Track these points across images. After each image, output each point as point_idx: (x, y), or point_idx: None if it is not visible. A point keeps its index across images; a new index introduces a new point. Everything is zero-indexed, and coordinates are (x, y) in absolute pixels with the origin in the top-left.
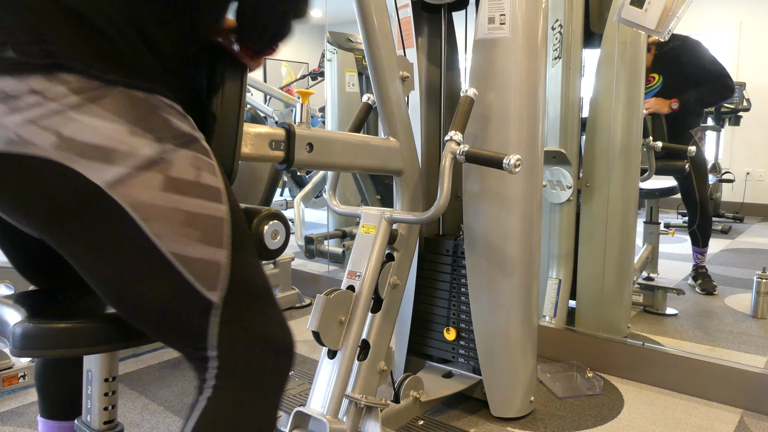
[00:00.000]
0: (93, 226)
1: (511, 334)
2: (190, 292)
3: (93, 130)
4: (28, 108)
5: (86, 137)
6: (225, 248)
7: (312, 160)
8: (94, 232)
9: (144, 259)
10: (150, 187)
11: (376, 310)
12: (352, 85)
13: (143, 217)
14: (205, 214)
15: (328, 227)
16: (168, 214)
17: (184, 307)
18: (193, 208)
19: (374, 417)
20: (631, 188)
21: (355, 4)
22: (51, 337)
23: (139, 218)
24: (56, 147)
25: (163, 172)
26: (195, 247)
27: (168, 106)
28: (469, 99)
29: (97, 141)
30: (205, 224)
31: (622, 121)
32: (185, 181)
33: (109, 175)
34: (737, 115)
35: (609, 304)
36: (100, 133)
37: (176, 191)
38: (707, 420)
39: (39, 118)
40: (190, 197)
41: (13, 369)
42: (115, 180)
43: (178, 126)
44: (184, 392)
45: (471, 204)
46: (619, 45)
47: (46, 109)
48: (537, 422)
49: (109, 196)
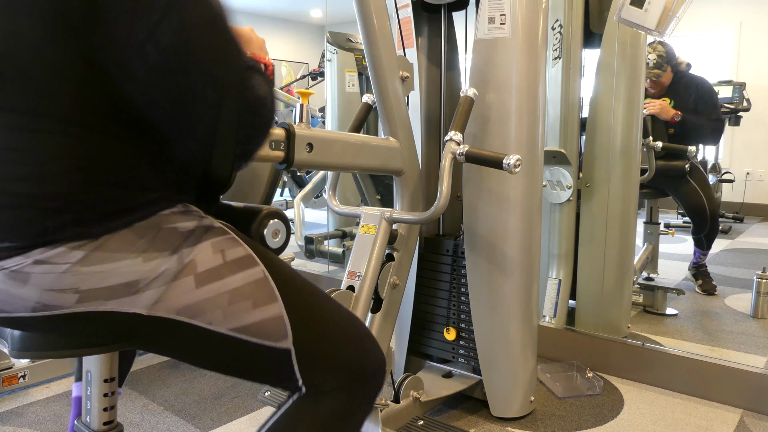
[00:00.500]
0: (155, 339)
1: (511, 334)
2: (263, 350)
3: (108, 274)
4: (41, 277)
5: (105, 283)
6: (278, 300)
7: (312, 160)
8: (159, 344)
9: (210, 344)
10: (185, 292)
11: (376, 310)
12: (352, 85)
13: (190, 317)
14: (247, 283)
15: (328, 227)
16: (212, 303)
17: (264, 363)
18: (234, 284)
19: (374, 417)
20: (631, 188)
21: (355, 4)
22: (50, 338)
23: (188, 318)
24: (80, 301)
25: (191, 273)
26: (251, 314)
27: (169, 215)
28: (469, 99)
29: (116, 281)
30: (252, 291)
31: (622, 121)
32: (215, 269)
33: (143, 301)
34: (737, 115)
35: (609, 304)
36: (116, 274)
37: (211, 281)
38: (707, 420)
39: (53, 284)
40: (227, 277)
41: (13, 369)
42: (151, 303)
43: (185, 227)
44: (184, 392)
45: (471, 204)
46: (619, 45)
47: (57, 274)
48: (537, 422)
49: (153, 316)
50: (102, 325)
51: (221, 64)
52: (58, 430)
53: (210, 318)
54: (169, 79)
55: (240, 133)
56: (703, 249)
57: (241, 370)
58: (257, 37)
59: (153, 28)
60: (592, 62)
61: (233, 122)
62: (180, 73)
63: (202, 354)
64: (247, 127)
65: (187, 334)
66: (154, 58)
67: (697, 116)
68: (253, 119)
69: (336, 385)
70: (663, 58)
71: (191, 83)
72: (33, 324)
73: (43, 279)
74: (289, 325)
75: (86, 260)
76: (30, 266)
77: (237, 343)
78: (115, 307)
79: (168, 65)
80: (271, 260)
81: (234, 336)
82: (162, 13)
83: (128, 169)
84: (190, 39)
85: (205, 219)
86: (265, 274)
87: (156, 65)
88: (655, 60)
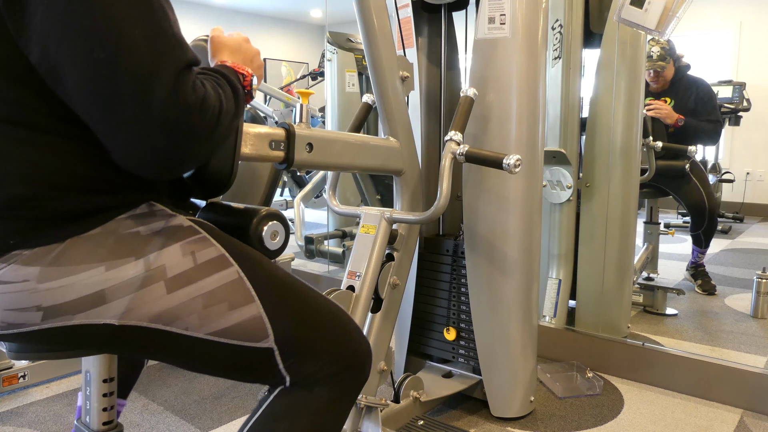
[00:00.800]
0: (134, 346)
1: (511, 334)
2: (245, 351)
3: (69, 288)
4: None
5: (68, 297)
6: (255, 300)
7: (312, 160)
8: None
9: (190, 349)
10: (156, 299)
11: (376, 310)
12: (352, 85)
13: (165, 324)
14: (221, 285)
15: (328, 227)
16: (186, 308)
17: (247, 363)
18: (208, 287)
19: (374, 417)
20: (631, 188)
21: (355, 4)
22: None
23: (163, 325)
24: (45, 318)
25: (160, 279)
26: (228, 317)
27: (127, 220)
28: (469, 99)
29: (79, 294)
30: (226, 293)
31: (622, 121)
32: (186, 272)
33: (111, 312)
34: (737, 115)
35: (609, 304)
36: (79, 287)
37: (183, 285)
38: (707, 420)
39: (12, 303)
40: (200, 281)
41: (13, 369)
42: (120, 313)
43: (150, 229)
44: (184, 392)
45: (471, 204)
46: (619, 45)
47: (13, 293)
48: (537, 422)
49: (126, 326)
50: (77, 337)
51: (145, 62)
52: (58, 430)
53: (186, 323)
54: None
55: (173, 136)
56: (701, 247)
57: (226, 371)
58: (250, 47)
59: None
60: (592, 62)
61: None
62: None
63: (184, 358)
64: (180, 128)
65: (164, 340)
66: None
67: (696, 117)
68: (182, 121)
69: (320, 376)
70: (666, 51)
71: (112, 82)
72: (9, 338)
73: (1, 299)
74: (269, 324)
75: (43, 276)
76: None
77: (217, 347)
78: (84, 320)
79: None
80: (248, 258)
81: (213, 340)
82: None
83: (78, 172)
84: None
85: (173, 218)
86: (239, 275)
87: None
88: (659, 52)
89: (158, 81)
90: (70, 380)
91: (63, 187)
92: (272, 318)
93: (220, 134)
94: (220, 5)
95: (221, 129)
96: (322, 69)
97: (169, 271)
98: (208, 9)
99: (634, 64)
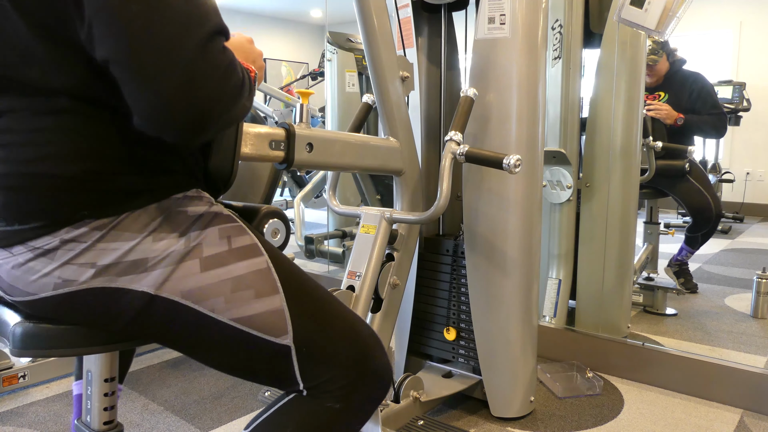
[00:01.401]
0: (163, 322)
1: (511, 334)
2: (263, 344)
3: (120, 251)
4: (65, 252)
5: (117, 259)
6: (279, 292)
7: (312, 160)
8: (166, 327)
9: (212, 333)
10: (191, 275)
11: (376, 310)
12: (352, 85)
13: (195, 301)
14: (250, 272)
15: (328, 227)
16: (216, 289)
17: (264, 359)
18: (238, 271)
19: (374, 417)
20: (631, 188)
21: (355, 4)
22: (51, 337)
23: (193, 303)
24: (95, 276)
25: (197, 256)
26: (253, 305)
27: (182, 199)
28: (469, 99)
29: (127, 258)
30: (254, 281)
31: (622, 121)
32: (220, 254)
33: (150, 280)
34: (737, 115)
35: (609, 304)
36: (128, 252)
37: (216, 266)
38: (707, 420)
39: (73, 258)
40: (231, 264)
41: (13, 369)
42: (158, 282)
43: (195, 211)
44: (184, 392)
45: (471, 204)
46: (619, 45)
47: (78, 250)
48: (537, 422)
49: (160, 296)
50: (113, 304)
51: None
52: (58, 430)
53: (213, 304)
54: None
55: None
56: (693, 248)
57: (241, 367)
58: (254, 48)
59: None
60: (592, 62)
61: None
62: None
63: (204, 345)
64: (206, 87)
65: (190, 319)
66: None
67: (697, 112)
68: (209, 81)
69: (336, 386)
70: (658, 44)
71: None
72: (53, 306)
73: (66, 254)
74: (290, 321)
75: (104, 238)
76: (57, 244)
77: (237, 335)
78: (125, 284)
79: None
80: (275, 254)
81: (235, 326)
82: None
83: (141, 151)
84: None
85: (214, 206)
86: (268, 265)
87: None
88: (651, 46)
89: (190, 38)
90: (70, 380)
91: (129, 164)
92: (293, 314)
93: (242, 107)
94: (220, 5)
95: (242, 101)
96: (322, 69)
97: (205, 250)
98: None
99: (634, 64)
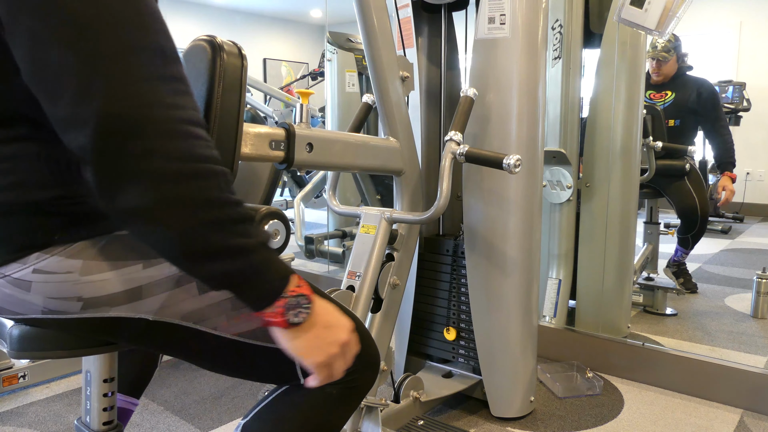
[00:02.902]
0: (165, 341)
1: (511, 334)
2: (268, 352)
3: (109, 282)
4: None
5: (107, 291)
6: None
7: (312, 160)
8: (169, 345)
9: (217, 348)
10: (188, 298)
11: (376, 310)
12: (352, 85)
13: (195, 322)
14: None
15: (328, 227)
16: (215, 309)
17: (269, 363)
18: None
19: (374, 417)
20: (631, 188)
21: (355, 4)
22: (48, 338)
23: (193, 324)
24: (84, 308)
25: (193, 279)
26: (255, 320)
27: None
28: (469, 99)
29: (118, 289)
30: None
31: (622, 121)
32: None
33: (147, 307)
34: (737, 115)
35: (609, 304)
36: (118, 282)
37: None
38: (707, 420)
39: (55, 292)
40: None
41: (13, 369)
42: (155, 308)
43: None
44: (184, 392)
45: (471, 204)
46: (619, 45)
47: (57, 283)
48: (537, 422)
49: (159, 321)
50: (111, 327)
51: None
52: (58, 430)
53: (214, 324)
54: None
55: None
56: (687, 248)
57: (246, 371)
58: (343, 335)
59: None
60: (592, 62)
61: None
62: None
63: (209, 356)
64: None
65: (193, 337)
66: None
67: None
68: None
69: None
70: (671, 44)
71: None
72: (47, 323)
73: (44, 287)
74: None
75: (86, 269)
76: (30, 275)
77: (242, 346)
78: (120, 313)
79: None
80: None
81: (239, 340)
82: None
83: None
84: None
85: None
86: None
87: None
88: (664, 44)
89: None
90: (70, 380)
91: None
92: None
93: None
94: (220, 5)
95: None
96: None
97: None
98: (208, 9)
99: (634, 64)
